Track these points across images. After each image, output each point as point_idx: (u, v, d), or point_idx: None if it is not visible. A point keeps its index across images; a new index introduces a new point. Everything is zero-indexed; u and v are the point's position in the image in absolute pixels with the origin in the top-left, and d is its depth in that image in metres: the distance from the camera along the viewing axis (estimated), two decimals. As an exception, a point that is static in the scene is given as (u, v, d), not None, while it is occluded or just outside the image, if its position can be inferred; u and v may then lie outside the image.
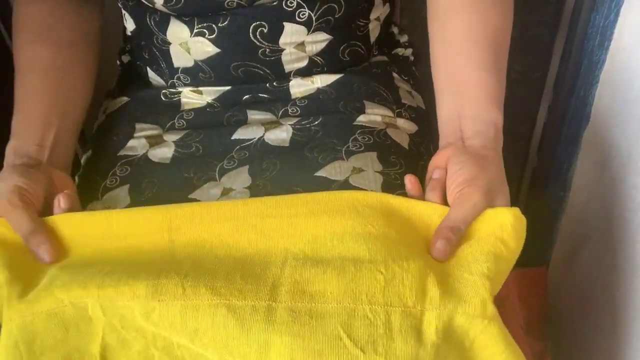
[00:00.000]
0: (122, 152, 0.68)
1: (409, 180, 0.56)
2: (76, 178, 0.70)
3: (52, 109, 0.64)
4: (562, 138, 0.96)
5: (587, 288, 0.83)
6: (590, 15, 0.83)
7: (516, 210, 0.53)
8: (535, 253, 1.07)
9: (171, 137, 0.69)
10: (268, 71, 0.69)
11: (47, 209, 0.58)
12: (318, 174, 0.61)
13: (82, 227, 0.55)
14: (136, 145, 0.68)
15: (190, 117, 0.71)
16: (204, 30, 0.66)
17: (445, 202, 0.55)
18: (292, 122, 0.68)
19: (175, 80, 0.72)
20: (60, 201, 0.57)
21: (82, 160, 0.72)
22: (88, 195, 0.65)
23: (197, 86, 0.72)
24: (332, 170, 0.61)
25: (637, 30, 0.67)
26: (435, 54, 0.62)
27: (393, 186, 0.60)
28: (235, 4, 0.64)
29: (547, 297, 0.98)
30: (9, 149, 0.62)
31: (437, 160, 0.58)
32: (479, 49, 0.58)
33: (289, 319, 0.47)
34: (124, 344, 0.50)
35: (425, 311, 0.48)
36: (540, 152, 1.11)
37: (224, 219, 0.54)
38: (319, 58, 0.70)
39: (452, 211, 0.53)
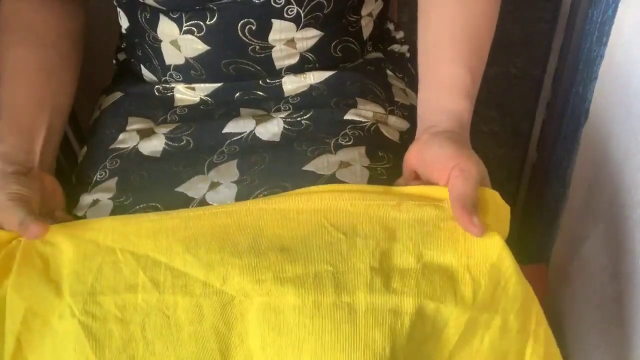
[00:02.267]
0: (113, 146, 0.68)
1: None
2: (73, 176, 0.70)
3: (39, 114, 0.64)
4: (561, 134, 0.96)
5: (587, 285, 0.82)
6: (588, 10, 0.83)
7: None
8: (535, 250, 1.07)
9: (162, 130, 0.68)
10: (259, 68, 0.69)
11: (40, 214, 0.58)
12: (306, 168, 0.61)
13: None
14: (127, 138, 0.68)
15: (184, 113, 0.71)
16: (193, 28, 0.66)
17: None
18: (283, 116, 0.68)
19: (167, 78, 0.72)
20: (56, 216, 0.59)
21: (79, 157, 0.72)
22: (80, 190, 0.65)
23: (189, 83, 0.72)
24: (320, 164, 0.61)
25: (635, 26, 0.67)
26: (419, 44, 0.63)
27: (379, 181, 0.61)
28: None
29: (547, 294, 0.98)
30: None
31: (407, 156, 0.58)
32: (453, 43, 0.59)
33: (278, 216, 0.53)
34: (116, 272, 0.52)
35: (402, 202, 0.53)
36: (540, 148, 1.11)
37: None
38: (310, 54, 0.70)
39: (460, 186, 0.52)
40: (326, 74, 0.71)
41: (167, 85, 0.73)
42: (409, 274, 0.50)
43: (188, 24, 0.66)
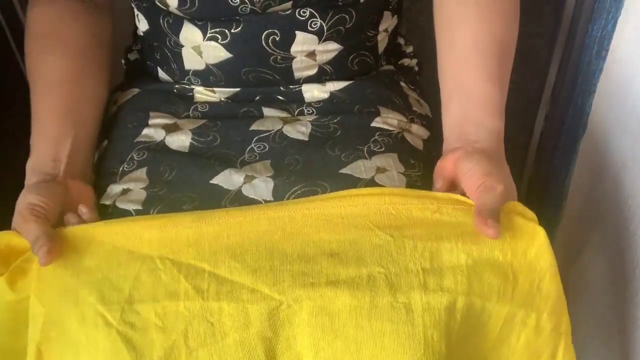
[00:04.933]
0: (138, 139, 0.68)
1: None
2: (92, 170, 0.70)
3: (65, 123, 0.64)
4: (559, 147, 0.97)
5: (585, 296, 0.83)
6: (588, 25, 0.84)
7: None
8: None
9: (187, 126, 0.68)
10: (278, 77, 0.70)
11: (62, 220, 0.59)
12: (343, 171, 0.62)
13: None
14: (152, 133, 0.68)
15: (205, 110, 0.71)
16: (217, 35, 0.66)
17: None
18: (310, 119, 0.68)
19: (185, 81, 0.73)
20: (82, 211, 0.59)
21: (97, 152, 0.72)
22: (106, 180, 0.65)
23: (208, 87, 0.72)
24: (357, 169, 0.62)
25: (633, 41, 0.68)
26: (443, 61, 0.64)
27: (414, 188, 0.62)
28: (248, 9, 0.64)
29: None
30: (28, 167, 0.62)
31: (445, 163, 0.59)
32: (484, 59, 0.61)
33: (323, 221, 0.52)
34: (155, 280, 0.51)
35: (441, 207, 0.53)
36: (537, 161, 1.12)
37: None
38: (328, 67, 0.70)
39: (484, 198, 0.54)
40: (344, 83, 0.72)
41: (186, 86, 0.73)
42: (460, 271, 0.50)
43: (212, 31, 0.66)
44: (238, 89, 0.71)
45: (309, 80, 0.71)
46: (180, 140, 0.67)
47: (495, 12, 0.62)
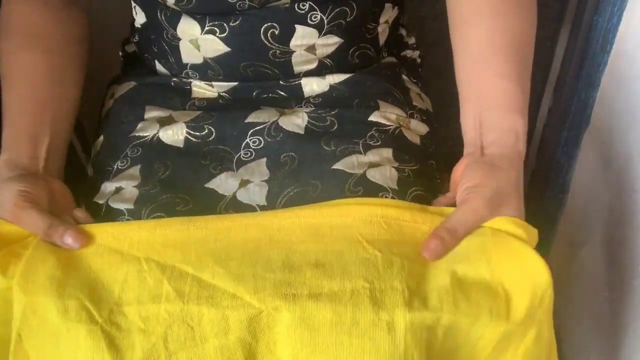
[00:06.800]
0: (133, 134, 0.67)
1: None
2: (89, 166, 0.70)
3: (42, 121, 0.62)
4: (562, 140, 0.97)
5: (586, 290, 0.83)
6: (593, 17, 0.83)
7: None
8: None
9: (182, 118, 0.68)
10: (277, 72, 0.69)
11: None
12: (335, 166, 0.62)
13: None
14: (147, 126, 0.68)
15: (202, 105, 0.70)
16: (215, 28, 0.66)
17: None
18: (307, 111, 0.68)
19: (183, 75, 0.72)
20: (78, 215, 0.58)
21: (93, 147, 0.71)
22: (101, 178, 0.65)
23: (206, 81, 0.72)
24: (350, 164, 0.61)
25: (639, 34, 0.68)
26: (458, 62, 0.62)
27: (407, 183, 0.61)
28: (246, 5, 0.64)
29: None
30: (1, 164, 0.60)
31: (455, 171, 0.58)
32: (499, 56, 0.58)
33: (311, 231, 0.52)
34: (140, 281, 0.51)
35: (433, 224, 0.53)
36: (540, 154, 1.11)
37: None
38: (328, 60, 0.70)
39: (453, 214, 0.54)
40: (345, 76, 0.71)
41: (185, 80, 0.72)
42: (446, 292, 0.49)
43: (211, 24, 0.66)
44: (236, 83, 0.71)
45: (309, 74, 0.71)
46: (175, 135, 0.66)
47: (510, 8, 0.60)
